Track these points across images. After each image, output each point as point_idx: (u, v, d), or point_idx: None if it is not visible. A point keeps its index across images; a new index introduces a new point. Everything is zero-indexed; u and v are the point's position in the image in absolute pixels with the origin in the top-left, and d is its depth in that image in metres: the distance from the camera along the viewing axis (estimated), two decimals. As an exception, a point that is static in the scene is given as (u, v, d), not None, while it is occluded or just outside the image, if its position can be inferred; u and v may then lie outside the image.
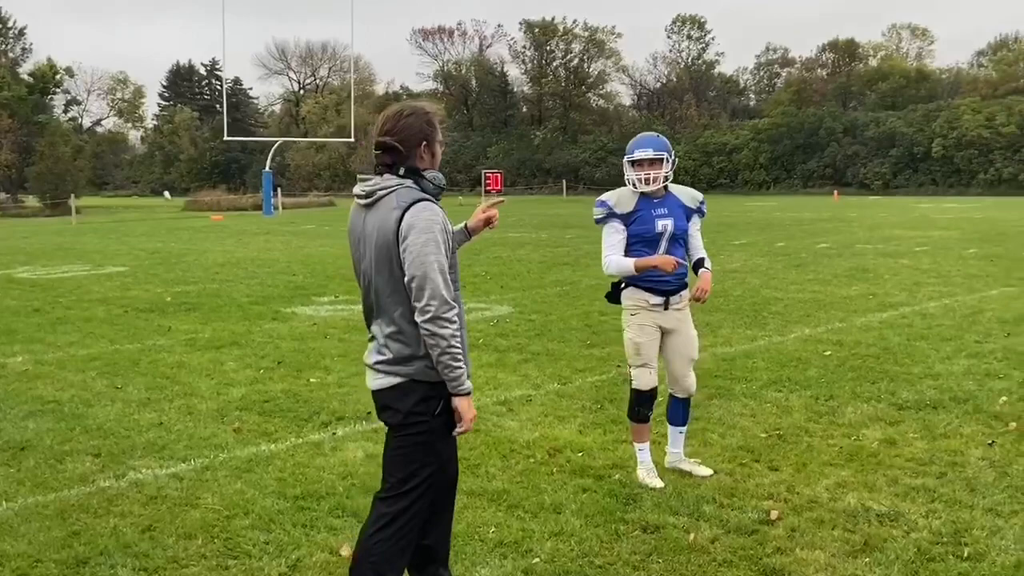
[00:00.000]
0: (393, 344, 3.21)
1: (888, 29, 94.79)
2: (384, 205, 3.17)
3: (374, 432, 6.34)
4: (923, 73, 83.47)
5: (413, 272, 3.08)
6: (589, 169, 76.34)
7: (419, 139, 3.24)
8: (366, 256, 3.24)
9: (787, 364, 8.15)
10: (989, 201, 47.96)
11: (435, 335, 3.10)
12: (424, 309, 3.09)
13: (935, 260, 16.87)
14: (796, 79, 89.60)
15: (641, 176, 5.21)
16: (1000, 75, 79.13)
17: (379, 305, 3.23)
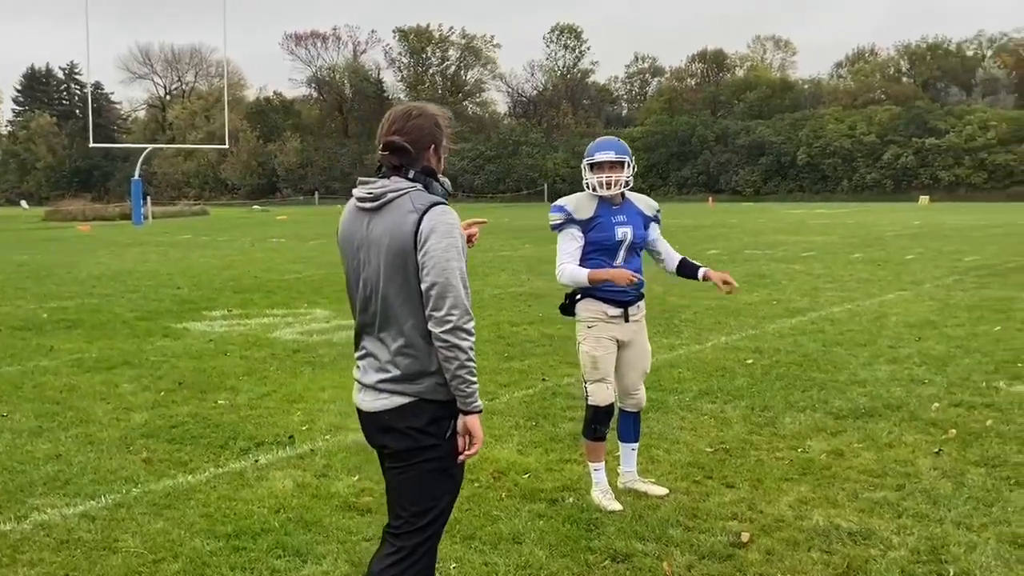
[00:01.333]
0: (402, 359, 2.95)
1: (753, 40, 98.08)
2: (397, 209, 2.93)
3: (300, 459, 5.91)
4: (787, 83, 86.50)
5: (434, 279, 2.86)
6: (468, 177, 76.22)
7: (428, 141, 3.05)
8: (371, 263, 2.98)
9: (713, 374, 8.04)
10: (855, 207, 49.85)
11: (454, 347, 2.87)
12: (445, 319, 2.86)
13: (826, 265, 17.25)
14: (667, 88, 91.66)
15: (602, 179, 4.96)
16: (858, 85, 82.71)
17: (387, 317, 2.97)
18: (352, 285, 3.09)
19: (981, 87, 70.59)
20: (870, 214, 39.98)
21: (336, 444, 6.23)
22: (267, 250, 24.73)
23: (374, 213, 2.97)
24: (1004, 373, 7.69)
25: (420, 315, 2.90)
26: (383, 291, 2.94)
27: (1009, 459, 5.50)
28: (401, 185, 2.96)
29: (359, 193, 3.03)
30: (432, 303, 2.86)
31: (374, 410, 3.01)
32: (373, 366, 3.02)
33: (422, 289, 2.88)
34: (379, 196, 2.95)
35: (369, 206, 2.98)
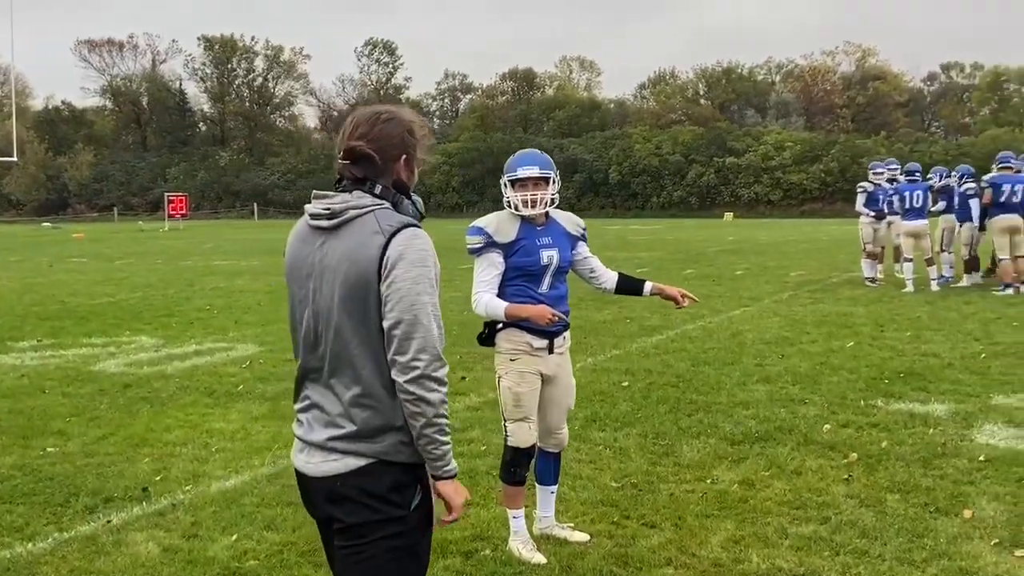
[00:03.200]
0: (359, 412, 2.46)
1: (560, 60, 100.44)
2: (358, 229, 2.46)
3: (160, 517, 5.14)
4: (595, 103, 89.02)
5: (399, 315, 2.39)
6: (279, 192, 73.96)
7: (399, 151, 2.58)
8: (323, 294, 2.50)
9: (593, 398, 7.70)
10: (668, 222, 51.53)
11: (420, 400, 2.40)
12: (410, 364, 2.39)
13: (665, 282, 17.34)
14: (479, 105, 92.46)
15: (526, 197, 4.49)
16: (661, 106, 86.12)
17: (340, 359, 2.47)
18: (297, 320, 2.59)
19: (775, 110, 74.77)
20: (685, 230, 41.33)
21: (201, 496, 5.48)
22: (69, 271, 22.83)
23: (330, 233, 2.50)
24: (875, 390, 7.73)
25: (381, 359, 2.43)
26: (336, 328, 2.45)
27: (919, 483, 5.40)
28: (365, 202, 2.49)
29: (313, 208, 2.55)
30: (396, 345, 2.39)
31: (322, 474, 2.49)
32: (321, 420, 2.52)
33: (384, 327, 2.41)
34: (338, 213, 2.48)
35: (325, 224, 2.50)
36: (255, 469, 6.03)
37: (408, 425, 2.44)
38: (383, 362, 2.42)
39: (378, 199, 2.50)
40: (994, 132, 57.46)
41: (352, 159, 2.51)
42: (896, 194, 14.55)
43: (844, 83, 79.28)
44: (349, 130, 2.56)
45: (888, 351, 9.42)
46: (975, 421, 6.69)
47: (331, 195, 2.54)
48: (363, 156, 2.50)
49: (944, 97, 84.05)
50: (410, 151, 2.59)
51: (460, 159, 70.30)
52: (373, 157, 2.51)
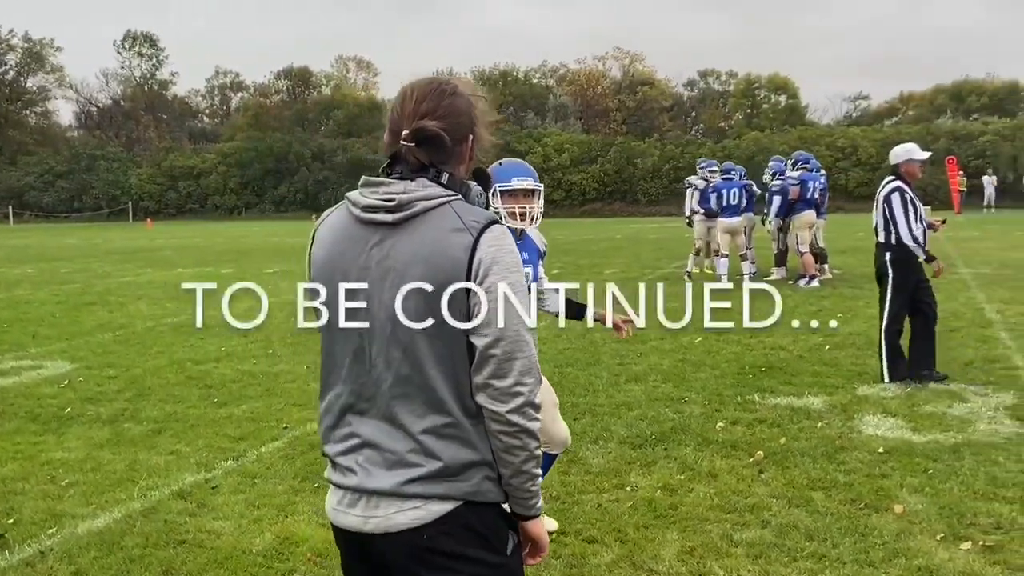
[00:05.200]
0: (442, 445, 2.06)
1: (336, 60, 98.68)
2: (432, 225, 2.07)
3: (30, 568, 4.45)
4: (374, 103, 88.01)
5: (498, 332, 2.02)
6: (36, 194, 68.34)
7: (467, 130, 2.18)
8: (381, 301, 2.07)
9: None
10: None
11: (523, 432, 2.04)
12: (513, 390, 2.02)
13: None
14: (252, 104, 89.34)
15: (513, 209, 4.21)
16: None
17: (409, 382, 2.06)
18: (335, 337, 2.15)
19: (553, 113, 76.53)
20: None
21: (70, 540, 4.83)
22: None
23: (393, 229, 2.08)
24: (746, 386, 7.83)
25: (463, 380, 2.05)
26: (406, 345, 2.05)
27: (835, 479, 5.43)
28: (435, 192, 2.09)
29: (367, 198, 2.11)
30: (492, 367, 2.02)
31: (399, 528, 2.06)
32: (383, 461, 2.07)
33: (476, 345, 2.03)
34: (404, 205, 2.07)
35: (386, 218, 2.08)
36: (124, 504, 5.33)
37: (497, 459, 2.08)
38: (464, 383, 2.05)
39: (446, 189, 2.11)
40: (755, 135, 61.24)
41: (419, 140, 2.10)
42: (714, 192, 15.06)
43: (615, 88, 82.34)
44: (411, 106, 2.13)
45: (737, 346, 9.62)
46: (854, 413, 6.87)
47: (388, 182, 2.11)
48: (432, 137, 2.10)
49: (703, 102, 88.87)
50: (475, 130, 2.20)
51: (237, 159, 67.40)
52: (443, 138, 2.10)
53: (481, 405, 2.04)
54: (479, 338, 2.02)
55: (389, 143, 2.15)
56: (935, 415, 6.71)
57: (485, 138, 2.23)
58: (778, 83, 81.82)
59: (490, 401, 2.03)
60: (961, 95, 67.43)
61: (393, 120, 2.16)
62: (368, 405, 2.10)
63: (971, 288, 13.76)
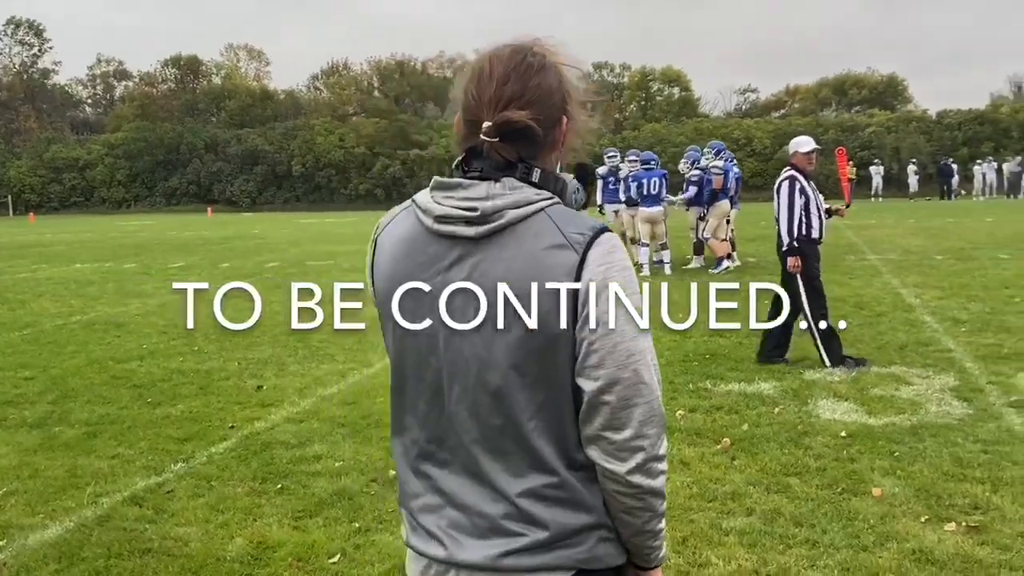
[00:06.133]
0: (548, 509, 1.66)
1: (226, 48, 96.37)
2: (525, 239, 1.64)
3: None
4: (266, 93, 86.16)
5: (614, 373, 1.61)
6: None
7: (559, 113, 1.73)
8: (463, 335, 1.67)
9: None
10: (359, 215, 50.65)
11: (647, 493, 1.67)
12: (632, 444, 1.63)
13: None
14: (138, 93, 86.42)
15: None
16: (336, 98, 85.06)
17: (502, 433, 1.66)
18: (407, 372, 1.75)
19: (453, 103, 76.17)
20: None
21: (24, 552, 4.60)
22: None
23: (476, 245, 1.66)
24: (695, 373, 7.83)
25: (571, 432, 1.67)
26: (497, 390, 1.65)
27: (806, 464, 5.45)
28: (527, 196, 1.66)
29: (442, 207, 1.67)
30: (606, 416, 1.63)
31: None
32: (472, 528, 1.70)
33: (584, 389, 1.64)
34: (489, 215, 1.64)
35: (468, 232, 1.65)
36: (74, 512, 5.01)
37: (615, 520, 1.72)
38: (571, 435, 1.67)
39: (538, 189, 1.67)
40: (653, 126, 62.26)
41: (504, 134, 1.66)
42: (635, 181, 15.14)
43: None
44: (492, 89, 1.68)
45: (673, 332, 9.62)
46: (807, 397, 6.94)
47: (466, 185, 1.66)
48: (521, 130, 1.66)
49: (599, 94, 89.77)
50: (568, 110, 1.75)
51: (125, 151, 65.08)
52: (534, 130, 1.67)
53: (593, 461, 1.67)
54: (588, 381, 1.63)
55: (465, 135, 1.72)
56: (886, 398, 6.83)
57: (581, 119, 1.77)
58: (671, 76, 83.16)
59: (604, 457, 1.65)
60: (844, 88, 69.71)
61: (469, 107, 1.71)
62: (450, 456, 1.72)
63: (883, 274, 14.16)
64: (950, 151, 53.00)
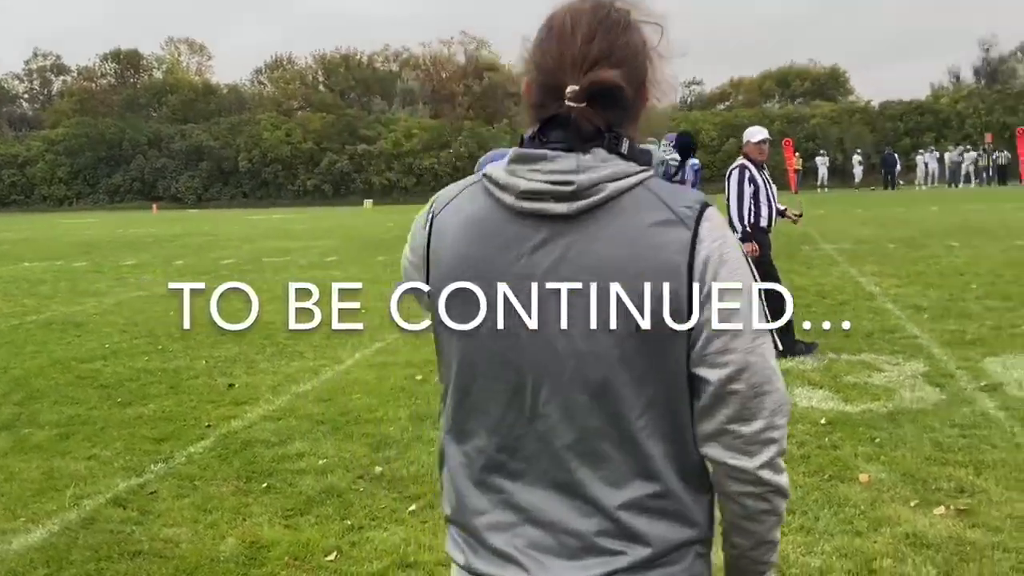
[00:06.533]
0: (647, 522, 1.47)
1: (166, 42, 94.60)
2: (626, 215, 1.44)
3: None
4: (209, 87, 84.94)
5: (739, 360, 1.44)
6: None
7: (643, 75, 1.52)
8: (558, 327, 1.45)
9: (405, 394, 7.15)
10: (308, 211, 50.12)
11: (775, 492, 1.50)
12: (762, 437, 1.46)
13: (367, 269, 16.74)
14: (77, 88, 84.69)
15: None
16: (280, 93, 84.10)
17: (603, 436, 1.46)
18: (473, 369, 1.53)
19: (401, 97, 75.94)
20: (348, 217, 40.50)
21: (7, 555, 4.34)
22: None
23: (567, 224, 1.44)
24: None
25: (684, 431, 1.49)
26: (601, 385, 1.44)
27: (792, 452, 5.48)
28: (624, 168, 1.46)
29: (527, 181, 1.45)
30: (733, 408, 1.45)
31: None
32: (558, 547, 1.48)
33: (707, 379, 1.45)
34: (585, 189, 1.43)
35: (560, 209, 1.44)
36: (57, 516, 4.91)
37: (733, 529, 1.56)
38: (681, 435, 1.48)
39: (627, 160, 1.47)
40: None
41: (593, 96, 1.44)
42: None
43: (462, 73, 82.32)
44: (577, 47, 1.45)
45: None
46: (782, 386, 7.01)
47: (552, 157, 1.45)
48: (611, 91, 1.44)
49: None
50: (652, 74, 1.53)
51: (66, 147, 63.76)
52: (624, 92, 1.45)
53: (713, 460, 1.49)
54: (712, 370, 1.44)
55: (539, 102, 1.50)
56: (859, 385, 6.93)
57: (666, 81, 1.54)
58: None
59: (730, 454, 1.46)
60: (787, 80, 70.63)
61: (547, 68, 1.48)
62: (526, 466, 1.51)
63: (840, 263, 14.39)
64: (893, 141, 54.05)
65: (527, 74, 1.53)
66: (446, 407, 1.60)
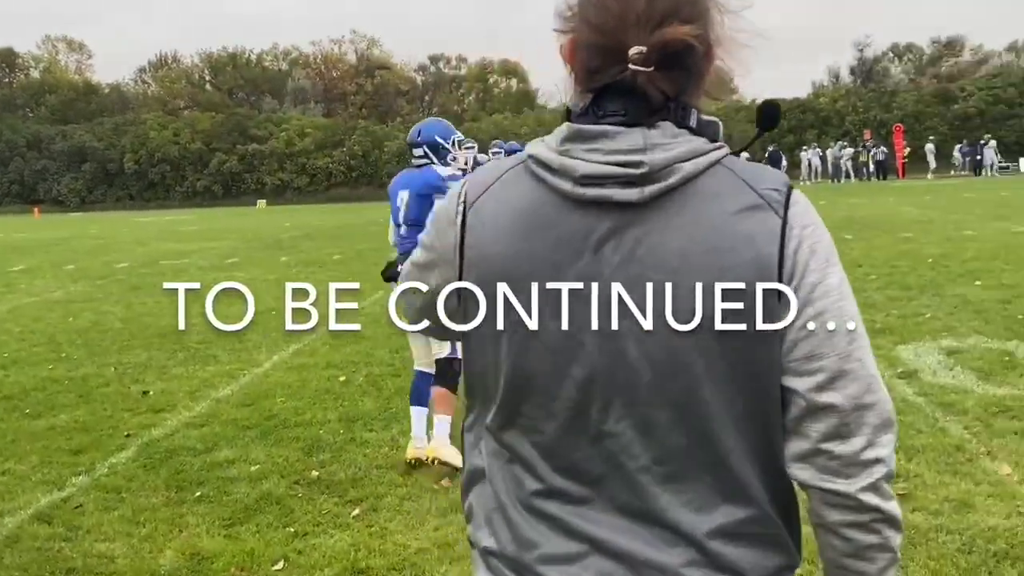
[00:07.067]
0: (739, 550, 1.29)
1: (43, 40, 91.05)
2: (705, 199, 1.25)
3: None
4: (90, 87, 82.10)
5: (836, 364, 1.24)
6: None
7: (709, 38, 1.30)
8: (631, 333, 1.24)
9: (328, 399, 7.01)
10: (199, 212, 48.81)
11: (882, 521, 1.27)
12: (864, 457, 1.24)
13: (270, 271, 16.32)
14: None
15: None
16: (166, 92, 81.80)
17: (687, 455, 1.27)
18: (533, 385, 1.30)
19: (292, 96, 74.73)
20: (242, 218, 39.55)
21: None
22: None
23: (637, 213, 1.24)
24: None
25: (775, 451, 1.29)
26: (683, 399, 1.25)
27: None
28: (696, 144, 1.26)
29: (587, 163, 1.25)
30: (830, 424, 1.24)
31: None
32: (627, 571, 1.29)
33: (798, 390, 1.25)
34: (657, 171, 1.23)
35: (630, 196, 1.23)
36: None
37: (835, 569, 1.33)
38: (775, 452, 1.29)
39: (696, 135, 1.27)
40: (497, 118, 62.76)
41: (662, 58, 1.22)
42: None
43: (354, 71, 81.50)
44: (642, 2, 1.24)
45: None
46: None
47: (611, 133, 1.24)
48: (682, 53, 1.23)
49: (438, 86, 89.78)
50: (718, 36, 1.30)
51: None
52: (696, 54, 1.25)
53: (806, 485, 1.27)
54: (804, 378, 1.24)
55: (595, 65, 1.27)
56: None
57: (733, 38, 1.31)
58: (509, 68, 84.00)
59: (824, 477, 1.25)
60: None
61: (604, 25, 1.25)
62: (591, 491, 1.30)
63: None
64: (778, 139, 55.66)
65: (573, 34, 1.30)
66: (479, 420, 1.40)
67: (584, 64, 1.28)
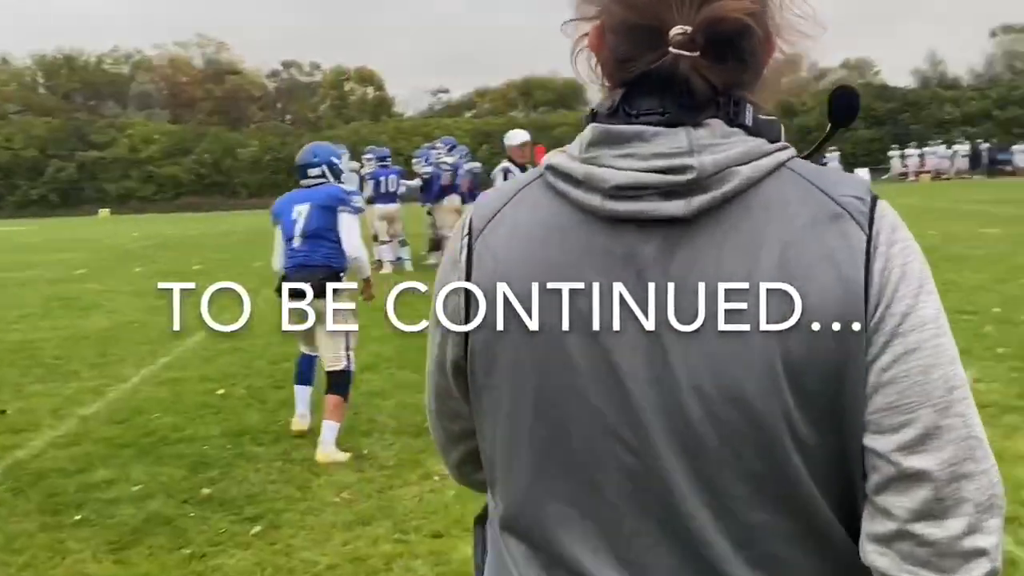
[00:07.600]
0: None
1: None
2: (770, 209, 0.99)
3: None
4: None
5: (928, 419, 0.95)
6: None
7: (768, 18, 1.05)
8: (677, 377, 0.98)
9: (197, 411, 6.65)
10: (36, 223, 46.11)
11: None
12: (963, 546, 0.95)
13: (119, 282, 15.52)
14: None
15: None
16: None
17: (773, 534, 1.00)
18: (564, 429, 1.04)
19: (136, 101, 71.87)
20: (85, 227, 37.60)
21: None
22: None
23: (685, 229, 1.00)
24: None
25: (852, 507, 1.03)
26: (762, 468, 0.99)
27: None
28: (754, 145, 1.02)
29: (620, 171, 1.00)
30: (921, 499, 0.95)
31: None
32: None
33: (877, 451, 0.98)
34: (711, 174, 0.98)
35: (676, 210, 0.99)
36: None
37: None
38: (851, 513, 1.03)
39: (753, 136, 1.03)
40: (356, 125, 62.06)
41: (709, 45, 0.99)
42: (372, 179, 14.91)
43: (202, 76, 79.06)
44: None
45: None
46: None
47: (647, 135, 1.01)
48: (738, 34, 1.00)
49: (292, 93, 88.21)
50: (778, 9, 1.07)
51: None
52: (754, 35, 1.01)
53: (883, 574, 0.99)
54: (887, 436, 0.97)
55: (627, 52, 1.03)
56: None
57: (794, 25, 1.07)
58: (365, 76, 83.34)
59: (910, 569, 0.97)
60: (530, 90, 73.13)
61: (638, 3, 1.01)
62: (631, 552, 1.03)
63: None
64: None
65: (599, 16, 1.07)
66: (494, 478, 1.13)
67: (613, 51, 1.05)
